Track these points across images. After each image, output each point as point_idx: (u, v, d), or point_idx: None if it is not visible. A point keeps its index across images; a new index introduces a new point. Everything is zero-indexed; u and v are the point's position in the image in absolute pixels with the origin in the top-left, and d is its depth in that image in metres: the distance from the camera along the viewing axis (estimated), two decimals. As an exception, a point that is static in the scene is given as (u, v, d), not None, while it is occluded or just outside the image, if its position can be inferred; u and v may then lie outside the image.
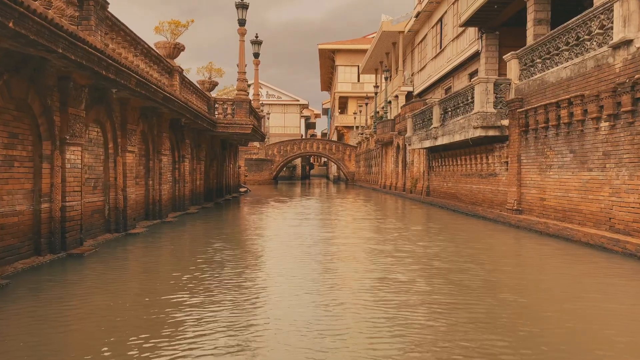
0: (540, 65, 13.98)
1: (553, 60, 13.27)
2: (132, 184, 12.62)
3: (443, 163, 22.56)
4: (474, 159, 18.43)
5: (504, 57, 16.08)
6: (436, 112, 20.51)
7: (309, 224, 15.55)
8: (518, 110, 14.71)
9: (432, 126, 20.83)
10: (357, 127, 65.45)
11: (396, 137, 33.78)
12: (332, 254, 10.20)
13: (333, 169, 79.20)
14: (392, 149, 35.81)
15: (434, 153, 23.91)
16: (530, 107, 13.97)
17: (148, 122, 14.46)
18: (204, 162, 22.24)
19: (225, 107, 20.71)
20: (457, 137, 17.65)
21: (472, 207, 18.11)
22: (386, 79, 40.80)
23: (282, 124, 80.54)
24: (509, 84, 15.66)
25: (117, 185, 11.94)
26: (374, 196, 32.98)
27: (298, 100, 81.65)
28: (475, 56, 25.71)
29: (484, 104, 15.78)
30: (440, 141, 19.85)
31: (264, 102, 76.90)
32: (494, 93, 15.82)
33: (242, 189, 34.14)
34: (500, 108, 15.87)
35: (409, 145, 25.00)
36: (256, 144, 60.97)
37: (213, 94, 23.85)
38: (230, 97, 21.05)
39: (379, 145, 39.96)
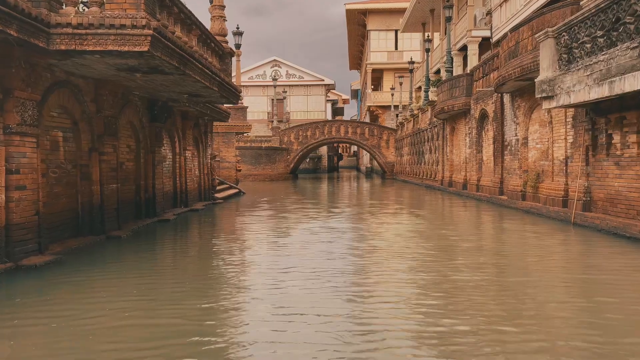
0: None
1: None
2: None
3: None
4: None
5: None
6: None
7: None
8: None
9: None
10: (395, 106, 51.36)
11: (477, 103, 19.91)
12: None
13: (365, 159, 65.09)
14: (465, 124, 21.90)
15: (614, 114, 10.15)
16: None
17: None
18: (51, 141, 8.98)
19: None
20: None
21: None
22: (448, 20, 26.70)
23: (304, 108, 67.15)
24: None
25: None
26: (439, 203, 19.15)
27: (323, 80, 67.95)
28: None
29: None
30: None
31: (283, 83, 63.47)
32: None
33: (220, 194, 20.75)
34: None
35: (551, 99, 11.07)
36: (267, 128, 47.53)
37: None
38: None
39: (440, 120, 26.01)
